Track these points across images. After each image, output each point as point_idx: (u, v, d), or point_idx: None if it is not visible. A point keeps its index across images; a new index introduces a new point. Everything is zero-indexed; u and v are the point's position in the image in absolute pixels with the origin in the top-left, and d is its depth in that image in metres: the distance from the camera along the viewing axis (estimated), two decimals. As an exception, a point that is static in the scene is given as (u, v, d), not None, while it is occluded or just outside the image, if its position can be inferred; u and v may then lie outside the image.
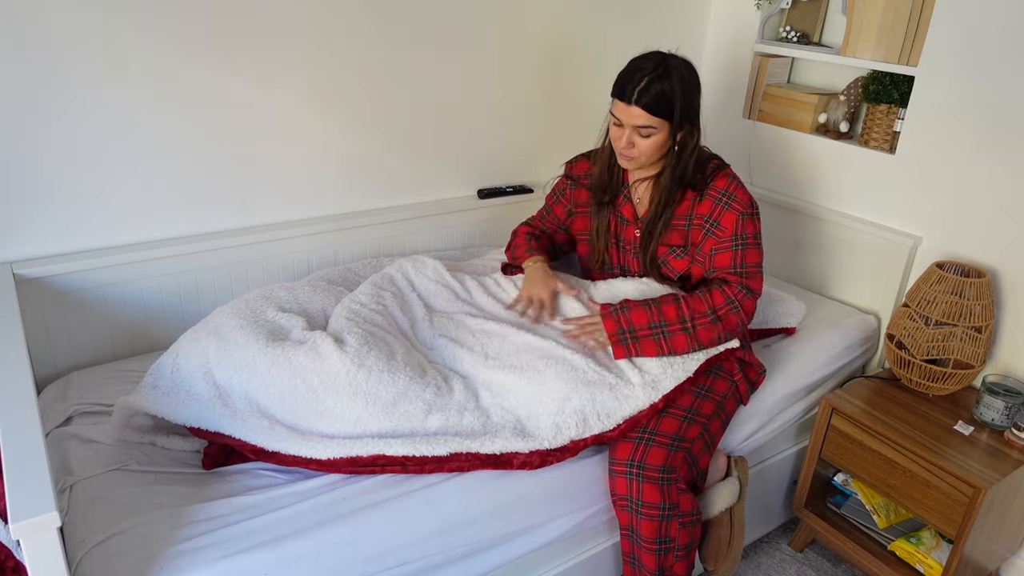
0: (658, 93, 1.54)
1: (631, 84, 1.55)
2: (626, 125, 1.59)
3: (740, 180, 1.67)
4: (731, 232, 1.64)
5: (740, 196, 1.64)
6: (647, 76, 1.54)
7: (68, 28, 1.55)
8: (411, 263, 1.82)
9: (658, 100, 1.54)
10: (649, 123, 1.56)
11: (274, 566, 1.22)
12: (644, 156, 1.62)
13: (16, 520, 0.96)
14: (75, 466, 1.39)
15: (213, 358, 1.45)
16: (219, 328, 1.49)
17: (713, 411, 1.61)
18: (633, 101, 1.55)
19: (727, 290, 1.63)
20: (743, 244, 1.64)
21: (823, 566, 2.07)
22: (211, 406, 1.42)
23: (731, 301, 1.62)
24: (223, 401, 1.43)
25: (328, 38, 1.87)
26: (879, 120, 2.15)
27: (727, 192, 1.64)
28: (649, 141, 1.60)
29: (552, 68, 2.31)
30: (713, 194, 1.65)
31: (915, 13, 1.99)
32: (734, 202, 1.64)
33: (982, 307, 1.84)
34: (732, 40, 2.50)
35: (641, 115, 1.56)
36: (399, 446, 1.38)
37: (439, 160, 2.20)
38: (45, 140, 1.60)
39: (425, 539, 1.35)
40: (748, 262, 1.65)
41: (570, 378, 1.52)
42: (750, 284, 1.64)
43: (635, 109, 1.55)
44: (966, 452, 1.72)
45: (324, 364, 1.42)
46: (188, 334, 1.52)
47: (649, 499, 1.48)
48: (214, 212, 1.87)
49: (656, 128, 1.58)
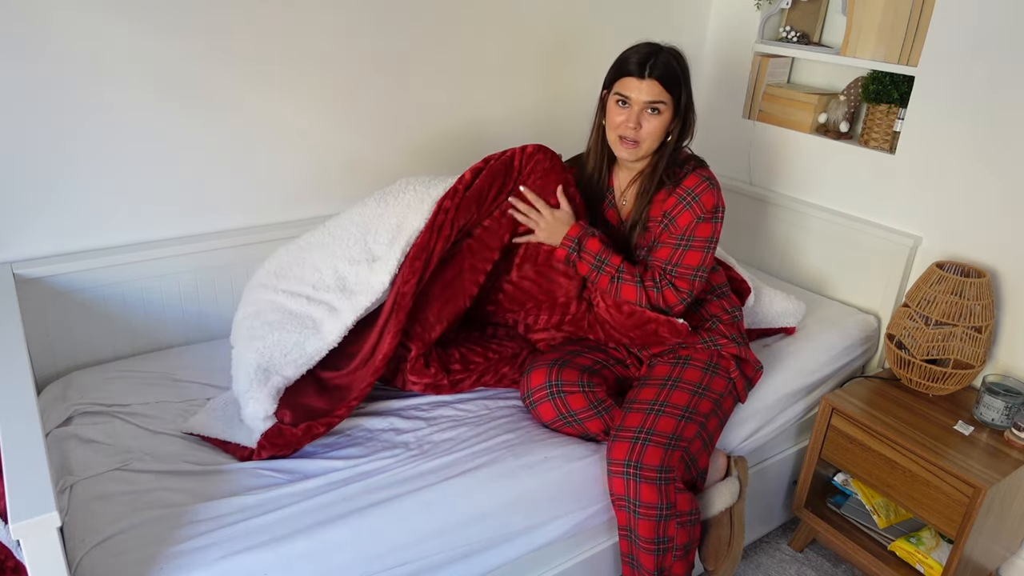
0: (667, 65, 1.57)
1: (642, 60, 1.56)
2: (635, 103, 1.58)
3: (714, 181, 1.65)
4: (680, 231, 1.64)
5: (704, 199, 1.62)
6: (654, 54, 1.57)
7: (69, 28, 1.55)
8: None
9: (669, 73, 1.57)
10: (661, 98, 1.57)
11: (274, 566, 1.22)
12: (648, 140, 1.61)
13: (16, 520, 0.96)
14: (75, 466, 1.39)
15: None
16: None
17: (711, 409, 1.61)
18: (647, 75, 1.55)
19: (655, 275, 1.65)
20: (687, 245, 1.64)
21: (823, 566, 2.07)
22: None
23: (656, 282, 1.64)
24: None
25: (328, 39, 1.87)
26: (879, 120, 2.15)
27: (693, 192, 1.63)
28: (656, 121, 1.59)
29: (552, 68, 2.31)
30: (680, 192, 1.64)
31: (915, 13, 1.99)
32: (696, 204, 1.62)
33: (982, 307, 1.84)
34: (732, 40, 2.50)
35: (654, 88, 1.56)
36: None
37: (439, 160, 2.20)
38: (45, 140, 1.60)
39: (425, 539, 1.35)
40: (685, 263, 1.64)
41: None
42: (675, 281, 1.65)
43: (646, 83, 1.56)
44: (966, 452, 1.72)
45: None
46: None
47: (647, 499, 1.48)
48: (214, 212, 1.87)
49: (666, 104, 1.58)
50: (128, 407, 1.58)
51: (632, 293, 1.64)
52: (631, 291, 1.64)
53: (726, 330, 1.74)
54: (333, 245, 1.66)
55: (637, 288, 1.63)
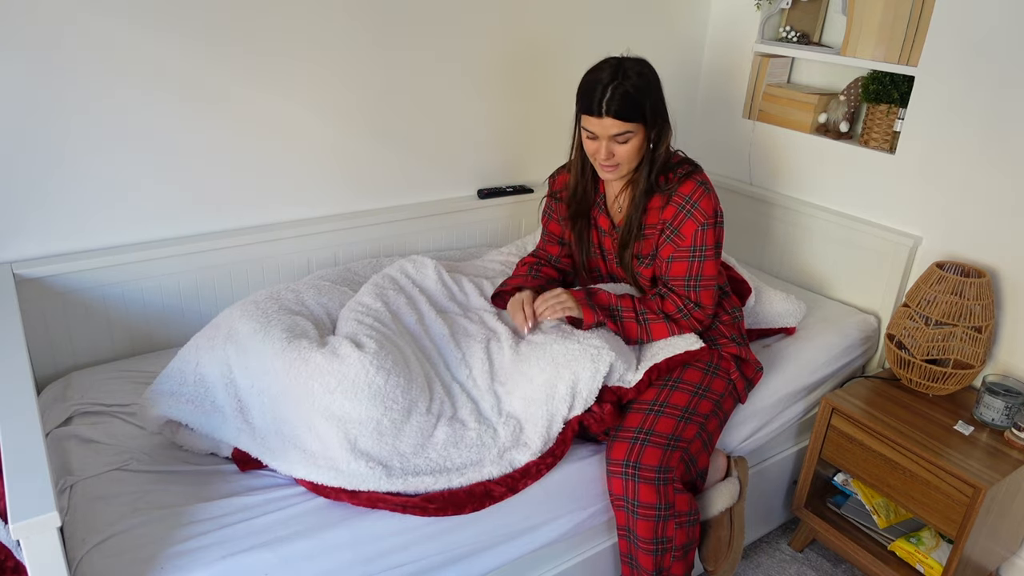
0: (623, 96, 1.53)
1: (596, 96, 1.54)
2: (601, 137, 1.58)
3: (709, 186, 1.65)
4: (689, 242, 1.64)
5: (703, 205, 1.62)
6: (609, 85, 1.53)
7: (69, 29, 1.55)
8: (411, 263, 1.81)
9: (626, 104, 1.53)
10: (624, 129, 1.56)
11: (274, 566, 1.22)
12: (626, 163, 1.62)
13: (16, 520, 0.96)
14: (75, 466, 1.39)
15: (235, 367, 1.44)
16: (234, 334, 1.47)
17: (711, 410, 1.61)
18: (604, 113, 1.54)
19: (677, 301, 1.66)
20: (701, 256, 1.64)
21: (823, 566, 2.07)
22: (233, 420, 1.43)
23: (681, 311, 1.66)
24: (243, 416, 1.43)
25: (327, 39, 1.87)
26: (879, 120, 2.15)
27: (691, 199, 1.63)
28: (628, 147, 1.59)
29: (552, 68, 2.31)
30: (678, 200, 1.63)
31: (915, 13, 1.99)
32: (696, 211, 1.62)
33: (982, 307, 1.84)
34: (732, 40, 2.50)
35: (614, 124, 1.55)
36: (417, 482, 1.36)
37: (439, 160, 2.20)
38: (45, 140, 1.60)
39: (425, 540, 1.35)
40: (704, 274, 1.65)
41: (548, 364, 1.54)
42: (700, 299, 1.66)
43: (607, 120, 1.54)
44: (966, 452, 1.72)
45: (343, 365, 1.39)
46: (202, 341, 1.50)
47: (645, 499, 1.48)
48: (214, 212, 1.87)
49: (632, 131, 1.57)
50: (128, 407, 1.58)
51: (664, 331, 1.66)
52: (662, 329, 1.66)
53: (726, 330, 1.74)
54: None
55: (666, 324, 1.66)
